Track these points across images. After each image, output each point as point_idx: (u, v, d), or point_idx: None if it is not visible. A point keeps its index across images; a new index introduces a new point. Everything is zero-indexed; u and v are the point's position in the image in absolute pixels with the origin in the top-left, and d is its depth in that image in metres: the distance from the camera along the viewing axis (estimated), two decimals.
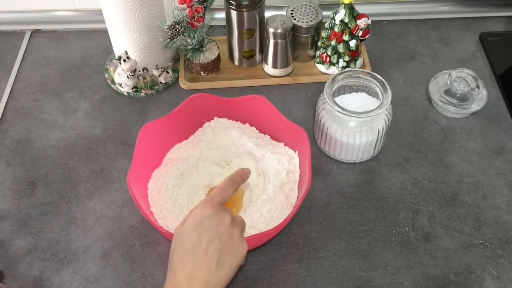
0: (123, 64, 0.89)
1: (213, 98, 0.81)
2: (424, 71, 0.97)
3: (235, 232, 0.59)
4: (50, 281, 0.72)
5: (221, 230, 0.58)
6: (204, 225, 0.58)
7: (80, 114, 0.92)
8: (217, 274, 0.56)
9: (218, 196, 0.62)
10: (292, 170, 0.77)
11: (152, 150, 0.78)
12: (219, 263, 0.56)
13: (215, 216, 0.59)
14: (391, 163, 0.84)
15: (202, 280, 0.54)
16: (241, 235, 0.61)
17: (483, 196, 0.80)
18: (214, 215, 0.59)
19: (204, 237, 0.57)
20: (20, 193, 0.81)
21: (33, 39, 1.05)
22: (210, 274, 0.55)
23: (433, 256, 0.74)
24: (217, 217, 0.59)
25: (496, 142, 0.87)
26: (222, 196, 0.62)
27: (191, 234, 0.57)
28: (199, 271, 0.55)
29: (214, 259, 0.56)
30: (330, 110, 0.79)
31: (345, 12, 0.88)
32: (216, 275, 0.56)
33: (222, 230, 0.58)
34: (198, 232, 0.57)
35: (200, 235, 0.57)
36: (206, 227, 0.58)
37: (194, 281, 0.54)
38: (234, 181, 0.65)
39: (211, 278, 0.55)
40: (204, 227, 0.58)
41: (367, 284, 0.71)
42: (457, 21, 1.06)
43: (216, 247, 0.57)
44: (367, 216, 0.78)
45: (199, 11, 0.87)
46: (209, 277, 0.55)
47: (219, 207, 0.60)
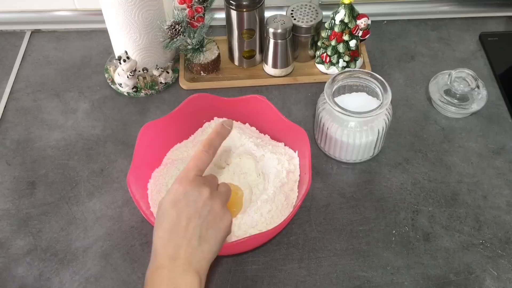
0: (123, 64, 0.89)
1: (213, 98, 0.81)
2: (424, 71, 0.97)
3: (215, 205, 0.57)
4: (50, 281, 0.72)
5: (200, 205, 0.56)
6: (182, 202, 0.56)
7: (80, 114, 0.92)
8: (200, 251, 0.55)
9: (193, 169, 0.59)
10: (292, 170, 0.77)
11: (152, 150, 0.78)
12: (201, 239, 0.55)
13: (192, 192, 0.57)
14: (391, 163, 0.84)
15: (185, 258, 0.53)
16: (223, 206, 0.58)
17: (483, 196, 0.80)
18: (191, 191, 0.57)
19: (183, 215, 0.55)
20: (20, 193, 0.81)
21: (33, 39, 1.05)
22: (192, 251, 0.54)
23: (433, 256, 0.74)
24: (194, 193, 0.57)
25: (496, 142, 0.87)
26: (198, 168, 0.59)
27: (169, 212, 0.56)
28: (181, 249, 0.54)
29: (195, 236, 0.55)
30: (330, 110, 0.79)
31: (345, 12, 0.88)
32: (199, 251, 0.55)
33: (201, 205, 0.56)
34: (176, 210, 0.56)
35: (178, 213, 0.56)
36: (184, 204, 0.56)
37: (176, 260, 0.53)
38: (210, 145, 0.61)
39: (194, 255, 0.54)
40: (182, 204, 0.56)
41: (367, 284, 0.71)
42: (457, 21, 1.06)
43: (196, 224, 0.55)
44: (367, 216, 0.78)
45: (199, 11, 0.87)
46: (192, 254, 0.54)
47: (196, 181, 0.58)
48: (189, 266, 0.54)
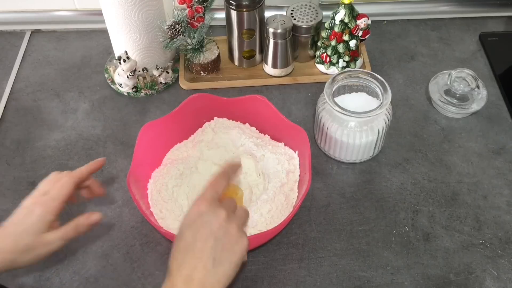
0: (123, 64, 0.89)
1: (213, 98, 0.81)
2: (424, 71, 0.97)
3: (231, 227, 0.57)
4: (50, 281, 0.72)
5: (216, 227, 0.56)
6: (198, 223, 0.56)
7: (80, 114, 0.92)
8: (214, 273, 0.54)
9: (210, 191, 0.59)
10: (292, 170, 0.77)
11: (152, 150, 0.78)
12: (216, 261, 0.54)
13: (208, 213, 0.57)
14: (391, 163, 0.84)
15: (199, 280, 0.53)
16: (239, 229, 0.57)
17: (483, 196, 0.80)
18: (207, 212, 0.57)
19: (198, 236, 0.55)
20: (20, 193, 0.81)
21: (33, 39, 1.05)
22: (206, 273, 0.53)
23: (433, 256, 0.74)
24: (210, 214, 0.57)
25: (496, 142, 0.87)
26: (215, 190, 0.60)
27: (185, 233, 0.56)
28: (195, 271, 0.53)
29: (210, 258, 0.54)
30: (330, 110, 0.79)
31: (345, 12, 0.88)
32: (214, 274, 0.54)
33: (217, 227, 0.56)
34: (192, 231, 0.56)
35: (193, 234, 0.55)
36: (199, 225, 0.56)
37: (190, 282, 0.53)
38: (226, 174, 0.63)
39: (208, 277, 0.53)
40: (197, 225, 0.56)
41: (367, 284, 0.71)
42: (457, 21, 1.06)
43: (211, 246, 0.55)
44: (367, 216, 0.78)
45: (199, 11, 0.87)
46: (205, 276, 0.53)
47: (212, 203, 0.58)
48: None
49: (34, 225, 0.62)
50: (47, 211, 0.63)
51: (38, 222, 0.62)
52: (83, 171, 0.68)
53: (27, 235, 0.62)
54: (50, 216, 0.63)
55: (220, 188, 0.61)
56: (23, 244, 0.61)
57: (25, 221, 0.62)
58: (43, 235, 0.63)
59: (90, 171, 0.69)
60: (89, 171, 0.69)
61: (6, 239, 0.61)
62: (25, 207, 0.64)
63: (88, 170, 0.69)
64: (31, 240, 0.62)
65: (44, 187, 0.65)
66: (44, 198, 0.64)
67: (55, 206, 0.64)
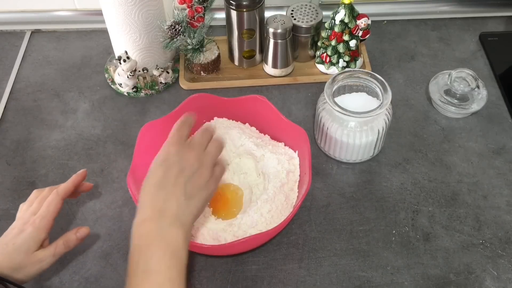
0: (123, 64, 0.89)
1: (213, 98, 0.81)
2: (424, 71, 0.97)
3: (201, 165, 0.60)
4: (50, 281, 0.72)
5: (187, 166, 0.58)
6: (170, 160, 0.59)
7: (80, 114, 0.92)
8: (186, 205, 0.57)
9: (176, 135, 0.61)
10: (292, 170, 0.77)
11: (152, 150, 0.77)
12: (187, 195, 0.57)
13: (178, 153, 0.59)
14: (391, 163, 0.84)
15: (172, 212, 0.55)
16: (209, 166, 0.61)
17: (483, 196, 0.80)
18: (177, 153, 0.59)
19: (170, 172, 0.58)
20: (20, 193, 0.81)
21: (33, 39, 1.05)
22: (179, 206, 0.56)
23: (433, 256, 0.74)
24: (180, 154, 0.59)
25: (496, 142, 0.87)
26: (179, 134, 0.61)
27: (158, 169, 0.58)
28: (168, 203, 0.56)
29: (182, 192, 0.57)
30: (330, 110, 0.79)
31: (345, 12, 0.88)
32: (186, 206, 0.57)
33: (188, 166, 0.58)
34: (163, 169, 0.58)
35: (165, 171, 0.58)
36: (171, 163, 0.58)
37: (163, 213, 0.55)
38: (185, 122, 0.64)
39: (180, 209, 0.56)
40: (169, 163, 0.58)
41: (367, 284, 0.71)
42: (457, 21, 1.06)
43: (183, 181, 0.57)
44: (367, 216, 0.78)
45: (199, 11, 0.87)
46: (178, 209, 0.56)
47: (181, 144, 0.60)
48: (176, 219, 0.55)
49: (25, 244, 0.64)
50: (38, 229, 0.65)
51: (30, 241, 0.64)
52: (68, 186, 0.70)
53: (18, 254, 0.63)
54: (41, 234, 0.65)
55: (184, 132, 0.62)
56: (15, 263, 0.62)
57: (16, 241, 0.63)
58: (34, 254, 0.64)
59: (75, 184, 0.71)
60: (74, 185, 0.71)
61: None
62: (16, 227, 0.65)
63: (73, 184, 0.71)
64: (22, 259, 0.63)
65: (31, 207, 0.67)
66: (34, 217, 0.66)
67: (46, 224, 0.66)
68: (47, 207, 0.66)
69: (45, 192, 0.69)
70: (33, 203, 0.68)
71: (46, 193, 0.69)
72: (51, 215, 0.66)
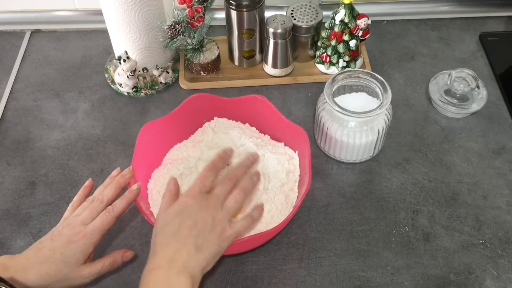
0: (123, 64, 0.89)
1: (213, 98, 0.81)
2: (424, 71, 0.97)
3: (215, 221, 0.61)
4: None
5: (201, 220, 0.60)
6: (185, 214, 0.60)
7: (80, 114, 0.92)
8: (196, 258, 0.58)
9: (198, 185, 0.63)
10: (292, 170, 0.77)
11: (152, 150, 0.78)
12: (198, 248, 0.58)
13: (194, 206, 0.61)
14: (391, 163, 0.84)
15: (182, 262, 0.57)
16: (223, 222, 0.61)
17: (483, 196, 0.80)
18: (195, 204, 0.61)
19: (183, 225, 0.59)
20: (20, 193, 0.81)
21: (33, 39, 1.05)
22: (189, 257, 0.57)
23: (433, 256, 0.74)
24: (196, 208, 0.61)
25: (496, 142, 0.87)
26: (203, 184, 0.63)
27: (173, 220, 0.60)
28: (179, 254, 0.57)
29: (193, 244, 0.58)
30: (330, 110, 0.79)
31: (345, 12, 0.88)
32: (195, 258, 0.58)
33: (202, 220, 0.60)
34: (179, 220, 0.60)
35: (180, 222, 0.59)
36: (186, 216, 0.60)
37: (173, 263, 0.56)
38: (214, 166, 0.66)
39: (190, 261, 0.57)
40: (184, 216, 0.60)
41: (367, 284, 0.71)
42: (457, 21, 1.06)
43: (195, 235, 0.59)
44: (367, 216, 0.78)
45: (199, 11, 0.87)
46: (188, 260, 0.57)
47: (200, 197, 0.62)
48: (185, 269, 0.56)
49: (74, 256, 0.62)
50: (89, 244, 0.63)
51: (79, 254, 0.63)
52: (124, 206, 0.67)
53: (65, 265, 0.62)
54: (90, 249, 0.64)
55: (208, 182, 0.64)
56: (62, 273, 0.61)
57: (65, 251, 0.62)
58: (80, 267, 0.63)
59: (130, 203, 0.68)
60: (129, 204, 0.68)
61: (44, 265, 0.61)
62: (65, 235, 0.63)
63: (128, 203, 0.68)
64: (69, 271, 0.62)
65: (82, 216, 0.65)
66: (86, 230, 0.64)
67: (96, 241, 0.64)
68: (101, 223, 0.64)
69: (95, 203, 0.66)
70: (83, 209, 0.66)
71: (98, 204, 0.66)
72: (103, 232, 0.65)
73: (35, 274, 0.60)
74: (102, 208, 0.66)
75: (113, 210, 0.66)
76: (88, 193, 0.71)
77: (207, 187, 0.64)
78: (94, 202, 0.66)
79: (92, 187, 0.71)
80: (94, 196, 0.68)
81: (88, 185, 0.71)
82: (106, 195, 0.67)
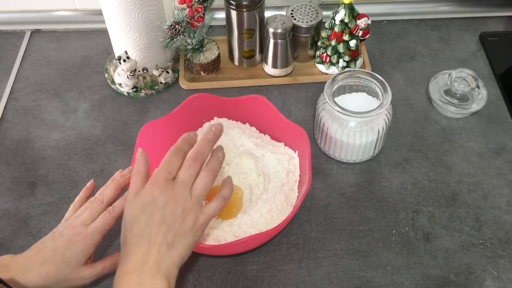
0: (123, 64, 0.89)
1: (213, 98, 0.81)
2: (424, 71, 0.97)
3: (185, 210, 0.57)
4: None
5: (169, 213, 0.56)
6: (151, 208, 0.57)
7: (80, 114, 0.92)
8: (168, 256, 0.55)
9: (163, 172, 0.59)
10: (292, 170, 0.77)
11: (152, 150, 0.78)
12: (169, 245, 0.56)
13: (161, 198, 0.57)
14: (391, 163, 0.84)
15: (154, 263, 0.54)
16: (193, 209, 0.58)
17: (483, 196, 0.80)
18: (159, 197, 0.57)
19: (151, 222, 0.56)
20: (20, 193, 0.81)
21: (33, 39, 1.05)
22: (161, 257, 0.55)
23: (433, 256, 0.74)
24: (162, 199, 0.57)
25: (496, 142, 0.87)
26: (168, 170, 0.59)
27: (139, 217, 0.56)
28: (150, 255, 0.55)
29: (164, 242, 0.55)
30: (330, 110, 0.79)
31: (345, 12, 0.88)
32: (168, 257, 0.55)
33: (170, 213, 0.56)
34: (146, 216, 0.56)
35: (147, 219, 0.56)
36: (153, 210, 0.56)
37: (145, 265, 0.54)
38: (180, 149, 0.61)
39: (162, 260, 0.55)
40: (151, 210, 0.56)
41: (367, 284, 0.71)
42: (457, 21, 1.06)
43: (164, 231, 0.56)
44: (367, 216, 0.78)
45: (199, 11, 0.87)
46: (160, 260, 0.55)
47: (166, 185, 0.58)
48: (158, 270, 0.54)
49: (75, 257, 0.62)
50: (89, 245, 0.63)
51: (80, 255, 0.62)
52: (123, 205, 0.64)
53: (66, 266, 0.61)
54: (91, 250, 0.63)
55: (174, 168, 0.59)
56: (62, 274, 0.61)
57: (66, 252, 0.61)
58: (81, 268, 0.62)
59: None
60: None
61: (45, 266, 0.60)
62: (66, 236, 0.62)
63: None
64: (69, 272, 0.61)
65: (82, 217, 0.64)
66: (87, 231, 0.63)
67: (97, 241, 0.63)
68: (102, 224, 0.63)
69: (96, 203, 0.65)
70: (83, 210, 0.65)
71: (98, 204, 0.65)
72: (104, 232, 0.64)
73: (36, 275, 0.60)
74: (103, 208, 0.65)
75: (113, 211, 0.65)
76: (89, 194, 0.70)
77: (173, 174, 0.59)
78: (94, 202, 0.66)
79: (94, 188, 0.71)
80: (95, 197, 0.67)
81: (90, 186, 0.71)
82: (106, 196, 0.66)
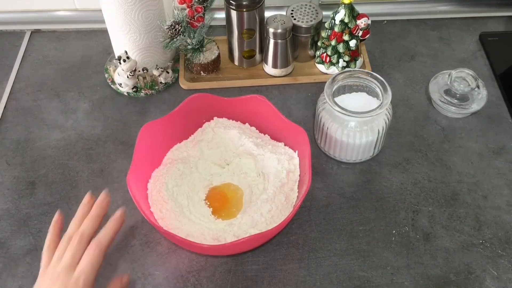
0: (123, 64, 0.89)
1: (213, 98, 0.81)
2: (424, 71, 0.97)
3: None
4: None
5: None
6: None
7: (80, 114, 0.92)
8: None
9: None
10: (292, 170, 0.77)
11: (152, 150, 0.78)
12: None
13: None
14: (391, 163, 0.84)
15: None
16: None
17: (483, 196, 0.80)
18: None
19: None
20: (20, 193, 0.81)
21: (33, 39, 1.05)
22: None
23: (433, 256, 0.74)
24: None
25: (496, 142, 0.87)
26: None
27: None
28: None
29: None
30: (330, 110, 0.79)
31: (345, 12, 0.88)
32: None
33: None
34: None
35: None
36: None
37: None
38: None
39: None
40: None
41: (367, 284, 0.71)
42: (457, 21, 1.06)
43: None
44: (367, 216, 0.78)
45: (199, 11, 0.87)
46: None
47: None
48: None
49: None
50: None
51: None
52: (111, 236, 0.59)
53: None
54: None
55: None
56: None
57: None
58: None
59: (116, 232, 0.61)
60: (116, 233, 0.60)
61: None
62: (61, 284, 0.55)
63: (114, 232, 0.60)
64: None
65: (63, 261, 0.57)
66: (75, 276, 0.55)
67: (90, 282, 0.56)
68: (91, 264, 0.56)
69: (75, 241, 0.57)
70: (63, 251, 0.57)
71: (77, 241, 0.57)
72: (95, 272, 0.56)
73: None
74: (85, 245, 0.57)
75: (100, 243, 0.57)
76: (61, 228, 0.62)
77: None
78: (73, 240, 0.57)
79: (63, 221, 0.63)
80: (69, 233, 0.59)
81: (58, 219, 0.62)
82: (86, 229, 0.58)
